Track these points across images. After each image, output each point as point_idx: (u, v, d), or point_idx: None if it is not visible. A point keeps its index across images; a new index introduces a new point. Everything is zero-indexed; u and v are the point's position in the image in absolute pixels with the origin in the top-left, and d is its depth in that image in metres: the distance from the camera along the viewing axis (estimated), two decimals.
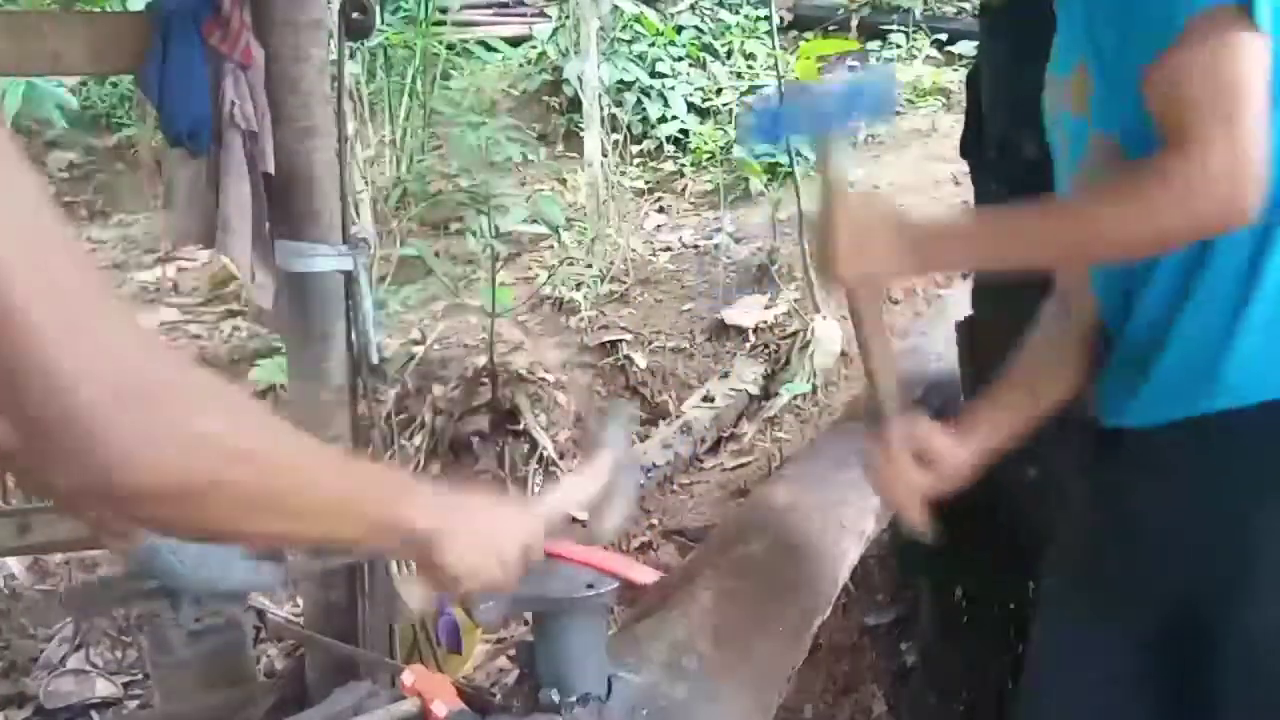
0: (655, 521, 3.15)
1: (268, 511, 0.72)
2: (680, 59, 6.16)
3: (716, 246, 4.40)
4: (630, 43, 6.07)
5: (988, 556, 2.07)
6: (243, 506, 0.69)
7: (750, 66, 6.28)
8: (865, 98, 1.24)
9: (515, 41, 7.01)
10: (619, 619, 2.08)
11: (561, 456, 3.44)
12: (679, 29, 6.33)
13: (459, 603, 1.20)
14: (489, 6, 7.69)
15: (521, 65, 6.77)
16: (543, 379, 3.57)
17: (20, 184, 0.58)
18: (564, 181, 5.39)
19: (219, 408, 0.66)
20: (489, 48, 6.85)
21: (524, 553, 0.99)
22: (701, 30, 6.49)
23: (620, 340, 3.82)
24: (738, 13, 6.69)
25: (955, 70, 6.00)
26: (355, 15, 1.88)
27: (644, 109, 5.84)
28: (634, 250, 4.47)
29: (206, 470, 0.64)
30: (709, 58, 6.27)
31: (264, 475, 0.70)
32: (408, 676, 1.25)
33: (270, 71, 1.81)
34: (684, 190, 5.39)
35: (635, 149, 5.66)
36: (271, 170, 1.83)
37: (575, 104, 5.42)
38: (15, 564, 3.01)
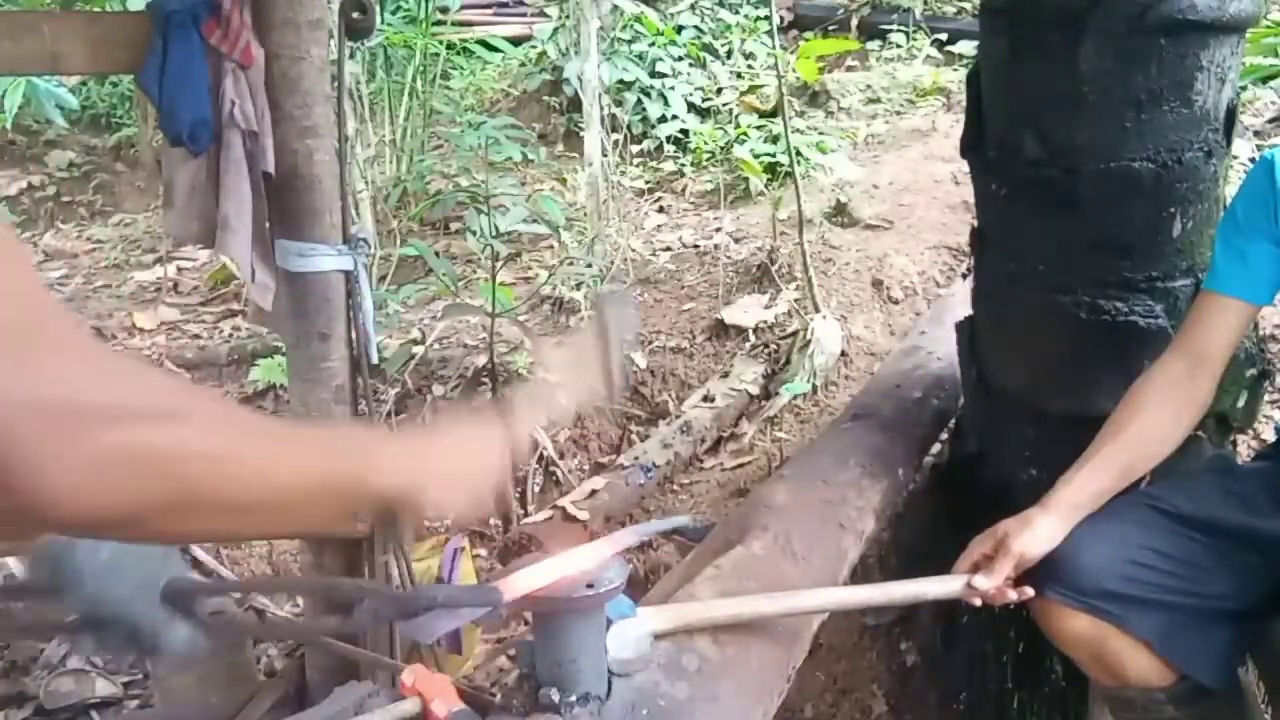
0: None
1: (211, 514, 0.70)
2: (680, 59, 6.16)
3: (716, 246, 4.40)
4: (630, 43, 6.07)
5: None
6: (180, 513, 0.67)
7: (750, 66, 6.28)
8: None
9: (515, 41, 7.02)
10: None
11: (561, 456, 3.43)
12: (679, 29, 6.33)
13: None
14: (489, 6, 7.71)
15: (521, 65, 6.77)
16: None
17: None
18: (564, 181, 5.38)
19: (150, 417, 0.63)
20: (489, 47, 6.87)
21: (496, 481, 1.02)
22: (701, 30, 6.49)
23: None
24: (738, 13, 6.69)
25: (955, 70, 5.99)
26: (355, 15, 1.88)
27: (644, 109, 5.84)
28: (634, 250, 4.46)
29: (123, 483, 0.61)
30: (709, 58, 6.27)
31: (204, 480, 0.67)
32: (408, 676, 1.25)
33: (270, 71, 1.81)
34: (684, 190, 5.39)
35: (635, 149, 5.66)
36: (271, 170, 1.83)
37: (575, 104, 5.41)
38: (15, 564, 3.01)
